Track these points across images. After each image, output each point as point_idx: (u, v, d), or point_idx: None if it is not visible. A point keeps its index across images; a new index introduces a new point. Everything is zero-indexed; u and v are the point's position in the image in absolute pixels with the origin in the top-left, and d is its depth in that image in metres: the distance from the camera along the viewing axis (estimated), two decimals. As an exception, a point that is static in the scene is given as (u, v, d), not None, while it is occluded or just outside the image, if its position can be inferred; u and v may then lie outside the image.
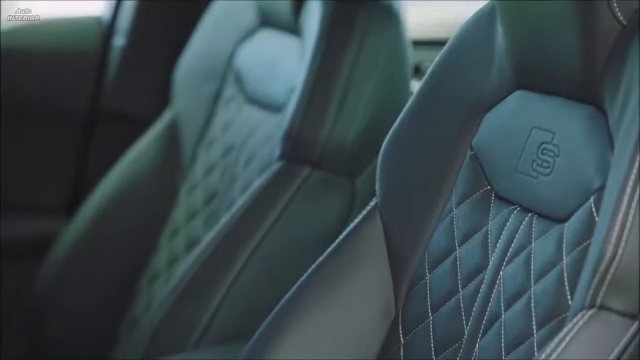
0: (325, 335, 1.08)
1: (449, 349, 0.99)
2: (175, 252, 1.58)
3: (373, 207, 1.10)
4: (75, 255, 1.64)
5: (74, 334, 1.64)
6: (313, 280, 1.10)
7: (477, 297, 0.98)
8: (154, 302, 1.49)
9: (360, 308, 1.08)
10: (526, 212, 0.97)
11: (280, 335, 1.08)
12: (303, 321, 1.08)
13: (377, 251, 1.08)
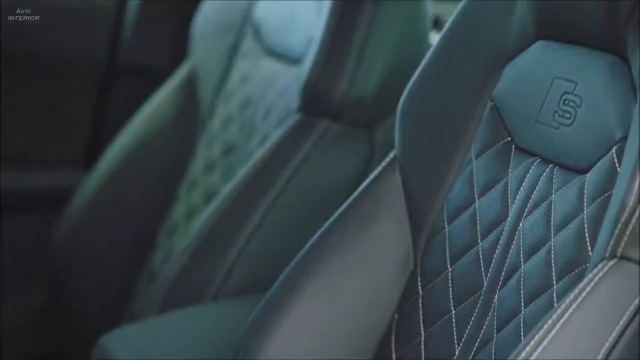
0: (344, 287, 1.08)
1: (468, 300, 0.99)
2: (193, 204, 1.58)
3: (392, 158, 1.10)
4: (94, 208, 1.65)
5: (92, 286, 1.65)
6: (331, 232, 1.10)
7: (496, 249, 0.98)
8: (172, 254, 1.49)
9: (379, 259, 1.08)
10: (547, 163, 0.97)
11: (298, 288, 1.08)
12: (321, 273, 1.08)
13: (396, 203, 1.08)
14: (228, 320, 1.29)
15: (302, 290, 1.08)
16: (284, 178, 1.40)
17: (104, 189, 1.65)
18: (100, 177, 1.66)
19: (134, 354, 1.23)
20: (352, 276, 1.08)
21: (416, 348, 1.03)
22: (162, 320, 1.36)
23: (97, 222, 1.65)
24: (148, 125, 1.66)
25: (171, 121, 1.65)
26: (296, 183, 1.40)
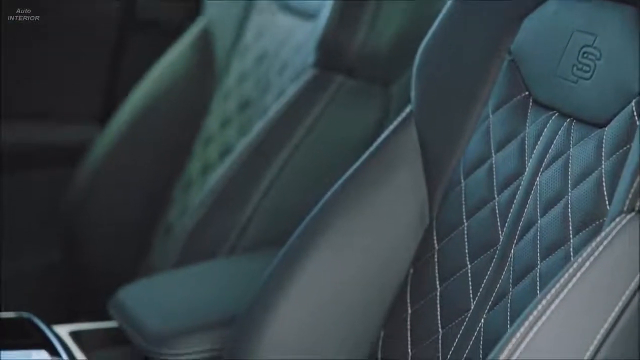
0: (359, 241, 1.08)
1: (484, 255, 0.99)
2: (208, 160, 1.58)
3: (408, 114, 1.10)
4: (109, 163, 1.65)
5: (108, 240, 1.66)
6: (347, 187, 1.10)
7: (513, 204, 0.98)
8: (188, 209, 1.50)
9: (395, 214, 1.08)
10: (565, 117, 0.96)
11: (314, 243, 1.08)
12: (337, 228, 1.08)
13: (412, 158, 1.08)
14: (244, 274, 1.30)
15: (318, 245, 1.08)
16: (300, 133, 1.40)
17: (119, 145, 1.65)
18: (115, 133, 1.66)
19: (150, 308, 1.24)
20: (367, 231, 1.08)
21: (432, 302, 1.03)
22: (178, 274, 1.37)
23: (112, 177, 1.65)
24: (163, 81, 1.66)
25: (186, 76, 1.65)
26: (311, 138, 1.40)
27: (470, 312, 0.98)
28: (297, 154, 1.40)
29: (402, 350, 1.04)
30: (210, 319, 1.21)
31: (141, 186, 1.65)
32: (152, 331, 1.19)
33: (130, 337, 1.21)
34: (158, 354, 1.17)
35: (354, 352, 1.08)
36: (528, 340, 0.83)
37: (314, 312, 1.07)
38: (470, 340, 0.96)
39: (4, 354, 1.15)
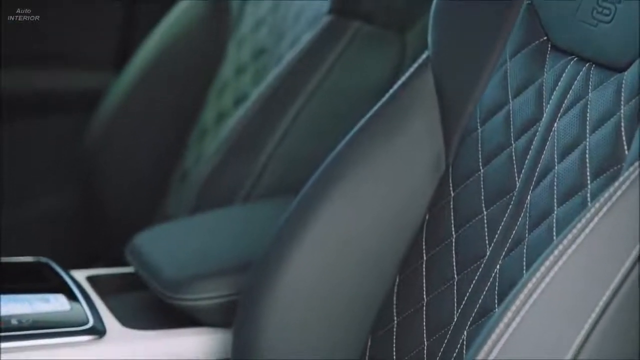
0: (374, 188, 1.09)
1: (500, 201, 0.99)
2: (223, 107, 1.58)
3: (425, 59, 1.09)
4: (124, 110, 1.65)
5: (124, 186, 1.66)
6: (362, 133, 1.10)
7: (530, 150, 0.98)
8: (203, 157, 1.50)
9: (411, 161, 1.08)
10: (584, 62, 0.96)
11: (329, 190, 1.08)
12: (352, 175, 1.08)
13: (428, 104, 1.08)
14: (259, 220, 1.30)
15: (332, 193, 1.08)
16: (315, 81, 1.40)
17: (134, 91, 1.65)
18: (130, 80, 1.66)
19: (166, 253, 1.25)
20: (382, 178, 1.08)
21: (447, 249, 1.03)
22: (194, 221, 1.38)
23: (127, 124, 1.65)
24: (178, 28, 1.66)
25: (201, 23, 1.64)
26: (327, 86, 1.40)
27: (485, 258, 0.98)
28: (312, 102, 1.40)
29: (417, 297, 1.04)
30: (226, 264, 1.21)
31: (156, 133, 1.65)
32: (168, 276, 1.20)
33: (147, 283, 1.22)
34: (174, 299, 1.18)
35: (369, 299, 1.08)
36: (544, 286, 0.83)
37: (329, 260, 1.07)
38: (485, 287, 0.96)
39: (23, 297, 1.16)
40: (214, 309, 1.18)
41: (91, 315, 1.15)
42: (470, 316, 0.96)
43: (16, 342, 1.09)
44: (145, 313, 1.23)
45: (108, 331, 1.14)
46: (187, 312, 1.18)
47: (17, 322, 1.11)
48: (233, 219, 1.35)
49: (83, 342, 1.12)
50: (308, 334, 1.08)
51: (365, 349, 1.07)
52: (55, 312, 1.15)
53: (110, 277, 1.30)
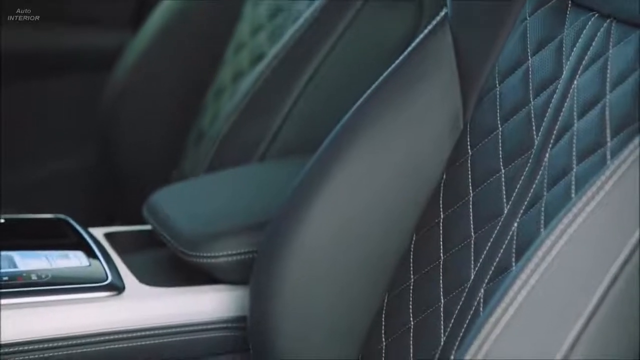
0: (391, 147, 1.08)
1: (518, 159, 0.99)
2: (239, 66, 1.57)
3: (442, 17, 1.08)
4: (141, 69, 1.65)
5: (141, 145, 1.67)
6: (379, 92, 1.09)
7: (549, 107, 0.98)
8: (220, 116, 1.50)
9: (428, 120, 1.08)
10: (604, 18, 0.95)
11: (346, 148, 1.08)
12: (369, 134, 1.08)
13: (446, 62, 1.07)
14: (275, 179, 1.30)
15: (349, 151, 1.08)
16: (332, 39, 1.39)
17: (150, 51, 1.65)
18: (147, 39, 1.65)
19: (183, 211, 1.25)
20: (399, 137, 1.08)
21: (464, 208, 1.03)
22: (210, 179, 1.38)
23: (144, 83, 1.65)
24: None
25: (218, -18, 1.64)
26: (344, 44, 1.39)
27: (503, 216, 0.98)
28: (329, 61, 1.40)
29: (434, 255, 1.04)
30: (243, 222, 1.22)
31: (173, 93, 1.65)
32: (185, 234, 1.20)
33: (164, 240, 1.23)
34: (191, 256, 1.18)
35: (386, 257, 1.08)
36: (562, 243, 0.83)
37: (345, 218, 1.08)
38: (503, 245, 0.96)
39: (42, 253, 1.17)
40: (231, 266, 1.18)
41: (109, 271, 1.16)
42: (488, 274, 0.96)
43: (36, 297, 1.10)
44: (163, 270, 1.24)
45: (126, 288, 1.15)
46: (204, 269, 1.19)
47: (37, 278, 1.12)
48: (250, 177, 1.36)
49: (101, 298, 1.13)
50: (324, 291, 1.08)
51: (382, 307, 1.07)
52: (74, 268, 1.16)
53: (128, 234, 1.30)
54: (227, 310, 1.19)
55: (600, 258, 0.82)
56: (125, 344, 1.14)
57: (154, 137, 1.65)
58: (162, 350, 1.16)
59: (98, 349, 1.12)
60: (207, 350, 1.19)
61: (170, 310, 1.17)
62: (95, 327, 1.12)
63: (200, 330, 1.18)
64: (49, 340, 1.10)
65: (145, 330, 1.15)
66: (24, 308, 1.10)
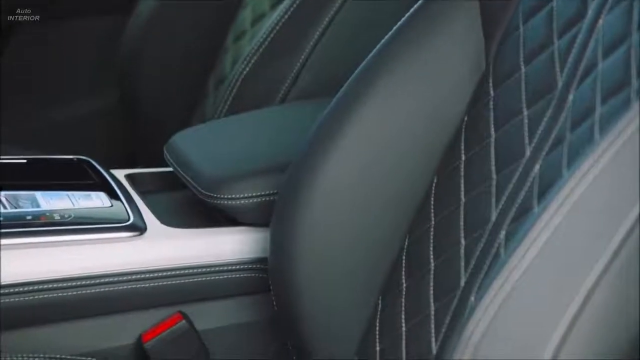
0: (413, 89, 1.08)
1: (541, 100, 0.99)
2: (260, 9, 1.56)
3: (466, -43, 1.08)
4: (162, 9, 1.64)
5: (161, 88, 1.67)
6: (401, 34, 1.09)
7: (573, 48, 0.97)
8: (240, 58, 1.50)
9: (450, 61, 1.07)
10: (631, -43, 0.94)
11: (366, 90, 1.08)
12: (390, 76, 1.08)
13: (469, 3, 1.07)
14: (296, 121, 1.30)
15: (370, 93, 1.08)
16: (353, -19, 1.39)
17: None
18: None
19: (204, 153, 1.26)
20: (421, 78, 1.08)
21: (486, 149, 1.03)
22: (231, 121, 1.38)
23: (165, 25, 1.65)
24: None
25: None
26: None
27: (525, 158, 0.98)
28: (350, 2, 1.39)
29: (455, 197, 1.04)
30: (263, 164, 1.22)
31: (194, 35, 1.65)
32: (206, 176, 1.21)
33: (185, 182, 1.23)
34: (213, 198, 1.19)
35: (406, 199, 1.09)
36: (584, 185, 0.83)
37: (365, 161, 1.08)
38: (524, 187, 0.96)
39: (65, 194, 1.17)
40: (251, 208, 1.19)
41: (131, 212, 1.17)
42: (509, 216, 0.96)
43: (58, 237, 1.11)
44: (184, 212, 1.24)
45: (148, 229, 1.16)
46: (225, 211, 1.20)
47: (60, 217, 1.13)
48: (270, 119, 1.36)
49: (124, 239, 1.14)
50: (344, 232, 1.08)
51: (402, 249, 1.08)
52: (97, 209, 1.16)
53: (149, 176, 1.31)
54: (248, 252, 1.20)
55: (623, 200, 0.81)
56: (146, 284, 1.15)
57: (174, 80, 1.65)
58: (183, 291, 1.17)
59: (120, 288, 1.13)
60: (227, 292, 1.20)
61: (191, 251, 1.18)
62: (117, 267, 1.13)
63: (220, 272, 1.19)
64: (71, 279, 1.11)
65: (166, 270, 1.16)
66: (46, 247, 1.11)
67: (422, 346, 1.00)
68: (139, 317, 1.17)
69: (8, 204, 1.13)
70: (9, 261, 1.08)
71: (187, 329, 1.17)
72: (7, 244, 1.08)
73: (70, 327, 1.14)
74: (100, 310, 1.14)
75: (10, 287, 1.08)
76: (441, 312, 1.00)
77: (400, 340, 1.03)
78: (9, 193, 1.15)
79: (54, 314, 1.12)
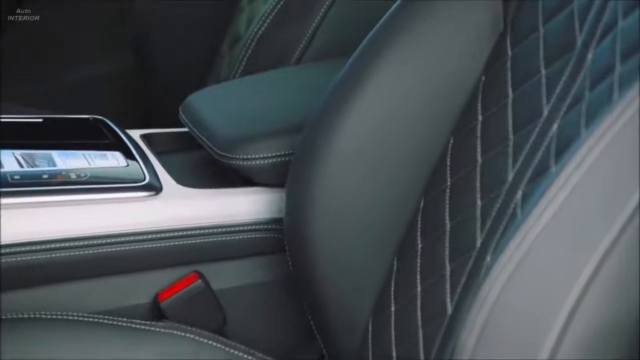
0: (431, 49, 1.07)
1: (560, 59, 0.98)
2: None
3: None
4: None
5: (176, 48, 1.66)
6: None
7: (592, 6, 0.96)
8: (255, 19, 1.49)
9: (468, 20, 1.07)
10: None
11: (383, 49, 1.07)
12: (407, 36, 1.07)
13: None
14: (311, 82, 1.30)
15: (387, 53, 1.07)
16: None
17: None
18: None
19: (220, 113, 1.25)
20: (438, 38, 1.07)
21: (504, 109, 1.02)
22: (247, 81, 1.38)
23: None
24: None
25: None
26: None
27: (543, 117, 0.97)
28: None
29: (472, 157, 1.04)
30: (279, 125, 1.22)
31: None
32: (222, 136, 1.20)
33: (200, 142, 1.23)
34: (228, 158, 1.19)
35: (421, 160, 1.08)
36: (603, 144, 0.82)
37: (380, 121, 1.07)
38: (542, 146, 0.95)
39: (80, 153, 1.18)
40: (267, 168, 1.19)
41: (147, 172, 1.17)
42: (526, 176, 0.96)
43: (75, 196, 1.11)
44: (200, 172, 1.24)
45: (164, 188, 1.16)
46: (240, 171, 1.20)
47: (76, 177, 1.13)
48: (286, 79, 1.35)
49: (139, 198, 1.14)
50: (360, 193, 1.08)
51: (418, 209, 1.08)
52: (113, 168, 1.17)
53: (165, 136, 1.31)
54: (263, 212, 1.20)
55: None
56: (162, 244, 1.15)
57: (189, 40, 1.64)
58: (198, 250, 1.18)
59: (135, 247, 1.14)
60: (242, 252, 1.20)
61: (207, 211, 1.18)
62: (132, 226, 1.13)
63: (236, 232, 1.19)
64: (87, 238, 1.11)
65: (181, 230, 1.16)
66: (63, 206, 1.11)
67: (437, 306, 1.00)
68: (155, 276, 1.17)
69: (25, 163, 1.13)
70: (27, 219, 1.09)
71: (203, 289, 1.18)
72: (24, 203, 1.09)
73: (87, 285, 1.14)
74: (116, 269, 1.15)
75: (27, 245, 1.09)
76: (457, 272, 1.00)
77: (415, 300, 1.03)
78: (26, 152, 1.15)
79: (71, 272, 1.12)
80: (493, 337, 0.84)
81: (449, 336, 0.98)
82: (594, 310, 0.80)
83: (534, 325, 0.81)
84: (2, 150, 1.14)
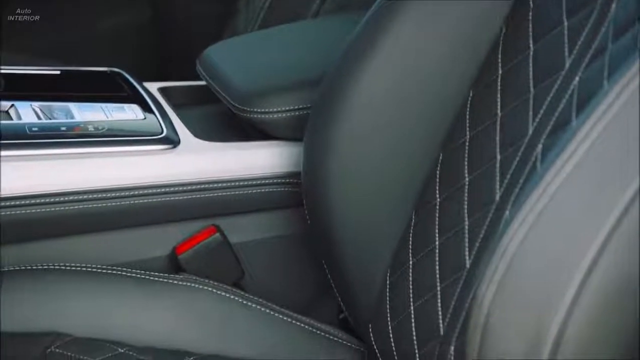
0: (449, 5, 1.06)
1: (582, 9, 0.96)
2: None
3: None
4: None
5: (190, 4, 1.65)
6: None
7: None
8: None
9: None
10: None
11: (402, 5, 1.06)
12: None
13: None
14: (329, 36, 1.29)
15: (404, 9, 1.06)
16: None
17: None
18: None
19: (237, 66, 1.25)
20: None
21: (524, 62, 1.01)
22: (263, 35, 1.37)
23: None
24: None
25: None
26: None
27: (564, 70, 0.96)
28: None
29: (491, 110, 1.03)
30: (296, 78, 1.21)
31: None
32: (239, 89, 1.20)
33: (218, 96, 1.23)
34: (246, 111, 1.18)
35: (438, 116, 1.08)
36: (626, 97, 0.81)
37: (397, 76, 1.07)
38: (563, 99, 0.94)
39: (98, 105, 1.17)
40: (285, 122, 1.18)
41: (165, 125, 1.17)
42: (546, 128, 0.95)
43: (92, 148, 1.11)
44: (217, 125, 1.24)
45: (181, 141, 1.16)
46: (258, 125, 1.19)
47: (94, 129, 1.13)
48: (304, 33, 1.34)
49: (157, 151, 1.14)
50: (378, 145, 1.08)
51: (437, 164, 1.07)
52: (130, 121, 1.16)
53: (182, 89, 1.30)
54: (281, 166, 1.20)
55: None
56: (179, 197, 1.15)
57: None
58: (216, 204, 1.18)
59: (153, 200, 1.14)
60: (259, 205, 1.20)
61: (224, 164, 1.17)
62: (150, 179, 1.13)
63: (253, 185, 1.19)
64: (105, 191, 1.11)
65: (199, 184, 1.16)
66: (81, 158, 1.11)
67: (456, 260, 1.00)
68: (173, 229, 1.17)
69: (42, 115, 1.13)
70: (45, 171, 1.09)
71: (220, 242, 1.18)
72: (43, 154, 1.09)
73: (105, 238, 1.14)
74: (134, 222, 1.15)
75: (45, 197, 1.09)
76: (475, 226, 0.99)
77: (433, 254, 1.03)
78: (44, 104, 1.15)
79: (89, 224, 1.13)
80: (511, 290, 0.83)
81: (467, 290, 0.97)
82: (613, 264, 0.80)
83: (552, 279, 0.81)
84: (20, 102, 1.14)
